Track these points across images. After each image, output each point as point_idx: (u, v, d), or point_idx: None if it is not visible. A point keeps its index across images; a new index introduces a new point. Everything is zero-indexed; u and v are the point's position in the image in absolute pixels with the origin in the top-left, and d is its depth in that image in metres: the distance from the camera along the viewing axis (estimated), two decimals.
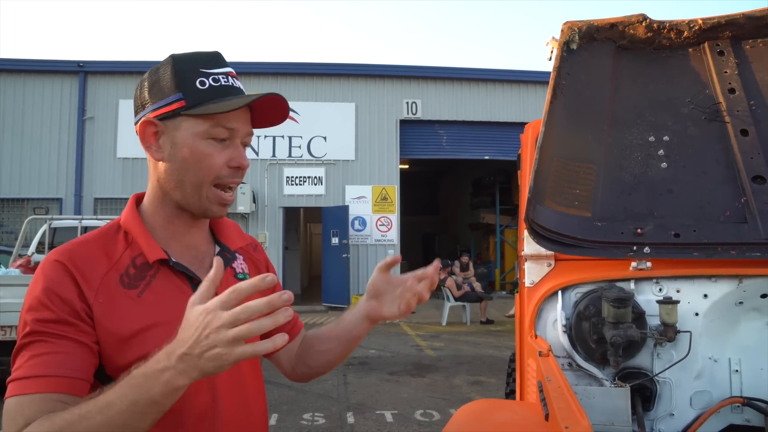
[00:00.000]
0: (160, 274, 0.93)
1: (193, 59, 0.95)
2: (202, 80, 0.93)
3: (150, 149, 0.95)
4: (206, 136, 0.93)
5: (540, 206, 1.80)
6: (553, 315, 1.80)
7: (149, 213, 0.99)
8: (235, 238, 1.10)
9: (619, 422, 1.24)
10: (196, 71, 0.93)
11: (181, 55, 0.96)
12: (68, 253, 0.89)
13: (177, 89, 0.92)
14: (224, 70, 0.96)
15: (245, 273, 1.07)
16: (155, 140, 0.95)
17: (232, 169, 0.95)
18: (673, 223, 1.77)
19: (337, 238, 12.22)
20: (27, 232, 7.52)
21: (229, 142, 0.95)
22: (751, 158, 1.82)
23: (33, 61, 12.66)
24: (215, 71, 0.94)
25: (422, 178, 22.61)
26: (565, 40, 2.13)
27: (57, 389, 0.80)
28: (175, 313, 0.90)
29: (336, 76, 13.05)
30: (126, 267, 0.92)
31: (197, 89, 0.92)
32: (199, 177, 0.94)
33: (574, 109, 2.04)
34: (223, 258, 1.00)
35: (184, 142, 0.93)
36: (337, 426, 4.53)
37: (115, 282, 0.90)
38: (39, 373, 0.80)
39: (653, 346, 1.68)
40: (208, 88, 0.93)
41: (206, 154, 0.93)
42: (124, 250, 0.93)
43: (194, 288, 0.94)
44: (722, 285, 1.67)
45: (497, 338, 8.50)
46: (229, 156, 0.95)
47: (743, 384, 1.66)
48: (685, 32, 2.13)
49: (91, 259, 0.90)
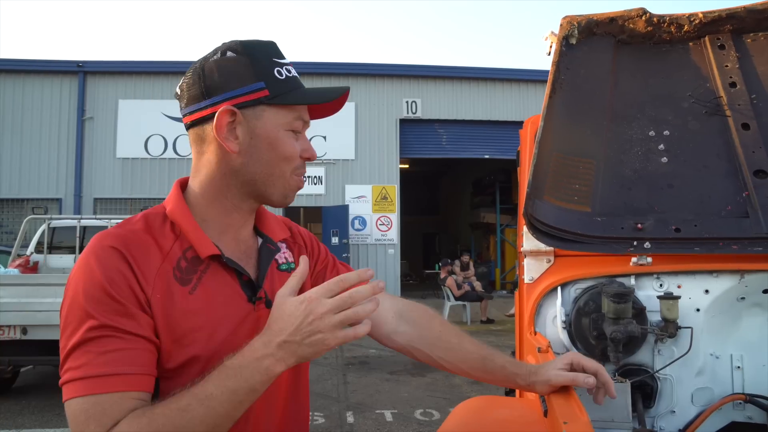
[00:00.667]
0: (211, 270, 0.89)
1: (265, 48, 0.93)
2: (278, 70, 0.91)
3: (226, 140, 0.89)
4: (288, 128, 0.92)
5: (539, 201, 1.78)
6: (552, 311, 1.78)
7: (201, 204, 0.93)
8: (277, 229, 1.06)
9: (619, 418, 1.22)
10: (271, 61, 0.91)
11: (249, 44, 0.92)
12: (123, 240, 0.83)
13: (258, 78, 0.89)
14: (288, 60, 0.95)
15: (289, 262, 1.04)
16: (230, 131, 0.89)
17: (304, 159, 0.96)
18: (673, 217, 1.75)
19: (337, 237, 12.22)
20: (26, 232, 7.51)
21: (299, 134, 0.95)
22: (752, 152, 1.80)
23: (32, 61, 12.66)
24: (284, 62, 0.94)
25: (422, 177, 22.61)
26: (564, 35, 2.11)
27: (136, 387, 0.77)
28: (226, 310, 0.88)
29: (336, 76, 13.05)
30: (177, 260, 0.87)
31: (277, 79, 0.91)
32: (281, 168, 0.92)
33: (573, 104, 2.02)
34: (267, 251, 1.00)
35: (267, 133, 0.90)
36: (336, 425, 4.51)
37: (169, 276, 0.85)
38: (116, 371, 0.76)
39: (654, 343, 1.66)
40: (285, 79, 0.91)
41: (288, 144, 0.92)
42: (174, 241, 0.88)
43: (242, 284, 0.92)
44: (724, 280, 1.65)
45: (498, 337, 8.48)
46: (302, 147, 0.95)
47: (745, 381, 1.64)
48: (685, 26, 2.11)
49: (146, 250, 0.84)
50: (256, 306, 0.92)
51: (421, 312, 1.17)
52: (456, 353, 1.12)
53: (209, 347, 0.84)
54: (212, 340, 0.85)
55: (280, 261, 1.03)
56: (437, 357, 1.12)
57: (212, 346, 0.85)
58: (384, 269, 12.75)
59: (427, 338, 1.13)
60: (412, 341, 1.13)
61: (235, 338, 0.87)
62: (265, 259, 0.98)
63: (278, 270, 1.01)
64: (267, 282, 0.96)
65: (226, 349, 0.84)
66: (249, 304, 0.91)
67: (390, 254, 12.88)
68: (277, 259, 1.02)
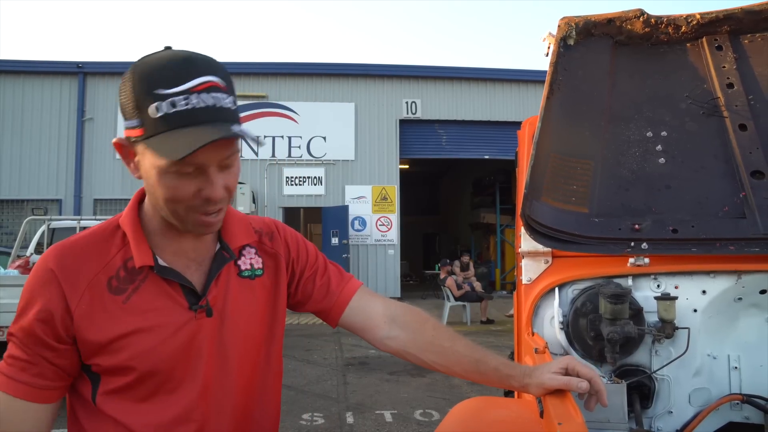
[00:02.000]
0: (150, 279, 0.91)
1: (151, 76, 0.81)
2: (158, 105, 0.80)
3: (129, 166, 0.91)
4: (169, 171, 0.83)
5: (537, 202, 1.79)
6: (550, 312, 1.78)
7: (150, 214, 0.95)
8: (240, 234, 1.03)
9: (615, 419, 1.22)
10: (149, 94, 0.80)
11: (140, 69, 0.83)
12: (61, 256, 0.89)
13: (136, 113, 0.82)
14: (186, 86, 0.80)
15: (254, 269, 1.03)
16: (134, 157, 0.88)
17: (203, 199, 0.86)
18: (671, 218, 1.75)
19: (337, 238, 12.22)
20: (26, 233, 7.52)
21: (199, 171, 0.84)
22: (749, 153, 1.80)
23: (32, 62, 12.67)
24: (173, 91, 0.80)
25: (422, 177, 22.61)
26: (562, 36, 2.12)
27: (18, 395, 0.87)
28: (161, 319, 0.91)
29: (335, 76, 13.05)
30: (117, 269, 0.90)
31: (151, 118, 0.80)
32: (171, 206, 0.87)
33: (571, 105, 2.02)
34: (220, 258, 0.99)
35: (148, 173, 0.86)
36: (336, 426, 4.51)
37: (102, 286, 0.89)
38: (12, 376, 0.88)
39: (651, 343, 1.66)
40: (163, 116, 0.80)
41: (171, 187, 0.84)
42: (118, 251, 0.92)
43: (185, 293, 0.93)
44: (721, 281, 1.66)
45: (497, 338, 8.49)
46: (197, 187, 0.85)
47: (742, 381, 1.64)
48: (683, 27, 2.11)
49: (83, 261, 0.89)
50: (197, 314, 0.93)
51: (414, 316, 1.16)
52: (448, 357, 1.12)
53: (141, 351, 0.89)
54: (144, 344, 0.89)
55: (243, 267, 1.02)
56: (430, 361, 1.12)
57: (145, 350, 0.89)
58: (384, 270, 12.75)
59: (419, 343, 1.13)
60: (405, 346, 1.13)
61: (172, 345, 0.91)
62: (214, 268, 0.97)
63: (239, 276, 1.00)
64: (219, 290, 0.97)
65: (160, 356, 0.89)
66: (190, 312, 0.93)
67: (390, 255, 12.89)
68: (240, 265, 1.02)
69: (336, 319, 1.13)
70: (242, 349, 0.99)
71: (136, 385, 0.90)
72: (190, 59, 0.83)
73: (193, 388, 0.93)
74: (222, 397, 0.95)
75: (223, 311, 0.97)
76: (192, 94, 0.80)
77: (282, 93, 12.82)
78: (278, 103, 12.69)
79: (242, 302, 1.00)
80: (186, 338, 0.92)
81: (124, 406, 0.89)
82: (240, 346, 0.99)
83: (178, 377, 0.92)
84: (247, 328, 1.00)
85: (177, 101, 0.80)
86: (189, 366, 0.92)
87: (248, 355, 1.01)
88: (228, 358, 0.97)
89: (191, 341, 0.92)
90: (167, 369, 0.91)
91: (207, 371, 0.94)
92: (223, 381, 0.96)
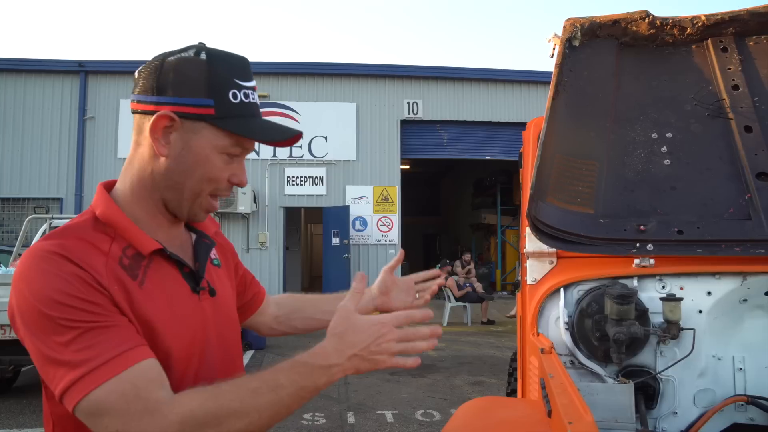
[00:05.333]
0: (153, 265, 0.89)
1: (229, 65, 0.90)
2: (234, 92, 0.89)
3: (157, 141, 0.87)
4: (223, 151, 0.90)
5: (542, 203, 1.79)
6: (555, 312, 1.78)
7: (130, 203, 0.92)
8: (209, 224, 1.07)
9: (623, 419, 1.23)
10: (230, 81, 0.89)
11: (217, 55, 0.90)
12: (62, 248, 0.80)
13: (209, 94, 0.87)
14: (252, 83, 0.93)
15: (218, 259, 1.07)
16: (164, 134, 0.88)
17: (231, 183, 0.94)
18: (676, 220, 1.76)
19: (338, 238, 12.21)
20: (27, 232, 7.52)
21: (237, 158, 0.94)
22: (755, 155, 1.80)
23: (34, 61, 12.66)
24: (247, 85, 0.91)
25: (423, 178, 22.60)
26: (567, 37, 2.12)
27: (151, 355, 0.79)
28: (175, 305, 0.90)
29: (337, 76, 13.04)
30: (119, 258, 0.85)
31: (229, 101, 0.88)
32: (201, 186, 0.91)
33: (576, 106, 2.03)
34: (204, 245, 1.01)
35: (199, 150, 0.89)
36: (337, 426, 4.51)
37: (118, 270, 0.83)
38: (127, 347, 0.77)
39: (656, 344, 1.66)
40: (239, 103, 0.89)
41: (216, 167, 0.91)
42: (111, 242, 0.86)
43: (184, 276, 0.94)
44: (726, 282, 1.66)
45: (498, 339, 8.48)
46: (232, 172, 0.93)
47: (747, 382, 1.64)
48: (688, 29, 2.11)
49: (87, 253, 0.82)
50: (200, 296, 0.95)
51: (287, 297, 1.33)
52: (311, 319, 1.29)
53: (167, 336, 0.85)
54: (173, 331, 0.87)
55: (212, 257, 1.05)
56: (301, 327, 1.28)
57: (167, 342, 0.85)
58: None
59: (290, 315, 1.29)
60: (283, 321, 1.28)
61: (189, 330, 0.89)
62: (203, 252, 1.00)
63: (212, 264, 1.04)
64: (208, 274, 0.99)
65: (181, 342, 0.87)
66: (194, 295, 0.94)
67: (391, 255, 12.87)
68: (211, 255, 1.04)
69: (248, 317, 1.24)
70: (233, 332, 1.04)
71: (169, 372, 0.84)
72: (249, 62, 0.95)
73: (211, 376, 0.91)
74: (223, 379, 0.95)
75: (217, 295, 1.00)
76: (254, 92, 0.93)
77: (283, 93, 12.81)
78: (280, 102, 12.69)
79: (221, 287, 1.03)
80: (199, 321, 0.92)
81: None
82: (231, 329, 1.03)
83: (195, 367, 0.91)
84: (231, 311, 1.05)
85: (249, 93, 0.91)
86: (203, 354, 0.93)
87: (235, 337, 1.05)
88: (225, 341, 0.99)
89: (200, 322, 0.93)
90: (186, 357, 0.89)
91: (215, 356, 0.95)
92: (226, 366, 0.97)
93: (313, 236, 20.52)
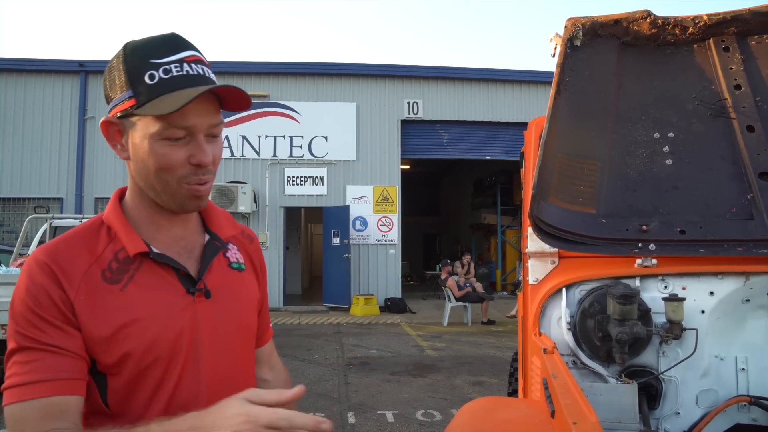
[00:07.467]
0: (144, 267, 0.91)
1: (143, 49, 0.87)
2: (151, 73, 0.85)
3: (116, 148, 0.91)
4: (160, 137, 0.86)
5: (544, 203, 1.79)
6: (557, 312, 1.78)
7: (131, 206, 0.96)
8: (226, 226, 1.06)
9: (626, 419, 1.22)
10: (146, 63, 0.85)
11: (132, 45, 0.89)
12: (52, 251, 0.88)
13: (128, 86, 0.86)
14: (178, 56, 0.87)
15: (240, 263, 1.05)
16: (120, 138, 0.91)
17: (193, 166, 0.89)
18: (678, 219, 1.75)
19: (338, 238, 12.21)
20: (27, 232, 7.52)
21: (190, 138, 0.88)
22: (757, 154, 1.80)
23: (34, 61, 12.66)
24: (167, 60, 0.86)
25: (423, 178, 22.60)
26: (568, 37, 2.12)
27: (55, 392, 0.81)
28: (160, 305, 0.91)
29: (337, 76, 13.04)
30: (108, 262, 0.90)
31: (147, 84, 0.85)
32: (163, 178, 0.89)
33: (578, 106, 2.02)
34: (212, 247, 1.01)
35: (140, 144, 0.88)
36: (338, 426, 4.51)
37: (96, 278, 0.88)
38: (36, 379, 0.81)
39: (659, 344, 1.66)
40: (158, 81, 0.85)
41: (161, 155, 0.87)
42: (107, 245, 0.91)
43: (181, 279, 0.94)
44: (729, 282, 1.66)
45: (498, 339, 8.48)
46: (188, 153, 0.88)
47: (750, 382, 1.64)
48: (690, 28, 2.11)
49: (73, 256, 0.88)
50: (195, 297, 0.94)
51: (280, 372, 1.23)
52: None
53: (145, 339, 0.87)
54: (147, 332, 0.88)
55: (232, 260, 1.04)
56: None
57: (148, 337, 0.88)
58: (385, 270, 12.74)
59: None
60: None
61: (173, 329, 0.90)
62: (208, 255, 0.99)
63: (230, 268, 1.03)
64: (213, 277, 0.98)
65: (163, 340, 0.88)
66: (188, 296, 0.93)
67: (391, 255, 12.87)
68: (228, 257, 1.03)
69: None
70: (239, 338, 1.01)
71: (144, 376, 0.88)
72: (177, 36, 0.90)
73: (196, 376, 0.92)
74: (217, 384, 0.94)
75: (219, 298, 0.98)
76: (184, 63, 0.87)
77: (284, 93, 12.81)
78: (280, 102, 12.69)
79: (235, 291, 1.01)
80: (187, 323, 0.92)
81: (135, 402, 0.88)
82: (238, 335, 1.00)
83: (181, 365, 0.91)
84: (240, 317, 1.02)
85: (172, 68, 0.86)
86: (190, 353, 0.92)
87: (243, 344, 1.02)
88: (225, 346, 0.97)
89: (192, 323, 0.92)
90: (169, 356, 0.90)
91: (208, 358, 0.94)
92: (223, 370, 0.96)
93: (313, 236, 20.51)
